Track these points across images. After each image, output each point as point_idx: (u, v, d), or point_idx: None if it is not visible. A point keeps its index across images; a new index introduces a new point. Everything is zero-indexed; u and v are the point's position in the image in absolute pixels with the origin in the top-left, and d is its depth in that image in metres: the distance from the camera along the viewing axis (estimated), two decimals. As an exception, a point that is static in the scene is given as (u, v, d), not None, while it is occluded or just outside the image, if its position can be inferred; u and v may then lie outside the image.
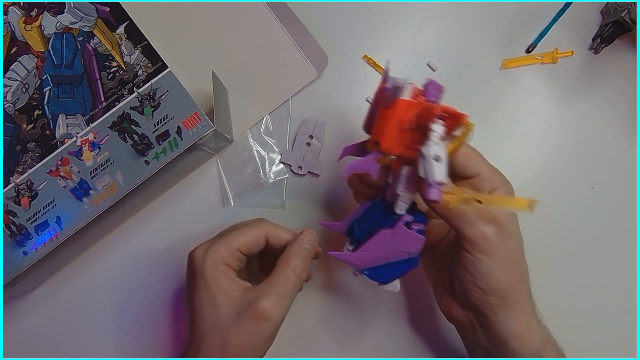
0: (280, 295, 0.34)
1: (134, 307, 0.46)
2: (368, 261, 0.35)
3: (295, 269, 0.35)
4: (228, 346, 0.34)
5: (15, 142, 0.40)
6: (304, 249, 0.37)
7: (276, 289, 0.35)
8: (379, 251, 0.35)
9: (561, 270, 0.46)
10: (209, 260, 0.35)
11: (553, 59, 0.48)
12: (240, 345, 0.34)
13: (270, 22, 0.47)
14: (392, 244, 0.34)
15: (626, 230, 0.46)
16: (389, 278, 0.36)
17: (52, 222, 0.40)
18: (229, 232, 0.37)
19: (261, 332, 0.34)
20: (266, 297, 0.34)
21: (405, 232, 0.34)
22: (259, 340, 0.34)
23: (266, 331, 0.34)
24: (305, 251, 0.37)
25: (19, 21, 0.42)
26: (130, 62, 0.41)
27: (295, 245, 0.37)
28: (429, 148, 0.30)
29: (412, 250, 0.34)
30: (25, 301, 0.46)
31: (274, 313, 0.34)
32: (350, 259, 0.36)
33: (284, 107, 0.47)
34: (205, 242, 0.37)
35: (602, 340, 0.45)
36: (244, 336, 0.34)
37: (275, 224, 0.39)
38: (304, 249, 0.37)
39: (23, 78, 0.41)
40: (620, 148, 0.47)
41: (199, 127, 0.40)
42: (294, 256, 0.36)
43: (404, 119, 0.31)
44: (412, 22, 0.49)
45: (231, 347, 0.34)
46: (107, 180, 0.40)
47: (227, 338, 0.34)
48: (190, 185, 0.47)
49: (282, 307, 0.34)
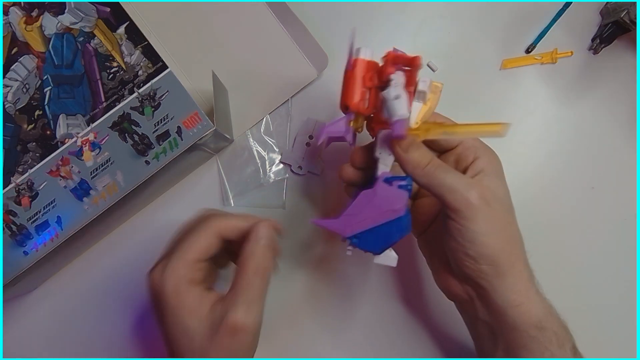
0: (248, 302, 0.32)
1: (134, 307, 0.46)
2: (354, 225, 0.34)
3: (256, 271, 0.33)
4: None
5: (15, 142, 0.41)
6: (260, 246, 0.34)
7: (242, 296, 0.32)
8: (362, 213, 0.34)
9: (561, 270, 0.46)
10: (168, 283, 0.32)
11: (552, 59, 0.48)
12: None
13: (270, 22, 0.47)
14: (375, 204, 0.33)
15: (626, 230, 0.46)
16: (379, 247, 0.34)
17: (53, 222, 0.40)
18: (180, 244, 0.34)
19: (239, 344, 0.32)
20: (235, 309, 0.32)
21: (387, 188, 0.33)
22: (241, 351, 0.32)
23: (244, 342, 0.32)
24: (262, 247, 0.33)
25: (19, 21, 0.42)
26: (131, 63, 0.41)
27: (250, 245, 0.34)
28: (388, 90, 0.32)
29: (397, 207, 0.33)
30: (25, 301, 0.46)
31: (247, 322, 0.32)
32: (334, 226, 0.34)
33: (284, 107, 0.48)
34: (159, 264, 0.34)
35: (602, 340, 0.45)
36: (224, 353, 0.32)
37: (223, 214, 0.36)
38: (260, 246, 0.34)
39: (24, 78, 0.41)
40: (620, 148, 0.47)
41: (199, 127, 0.40)
42: (252, 256, 0.33)
43: (365, 76, 0.33)
44: (412, 22, 0.49)
45: None
46: (107, 180, 0.40)
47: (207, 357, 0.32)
48: (190, 185, 0.47)
49: (254, 313, 0.32)
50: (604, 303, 0.45)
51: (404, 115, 0.32)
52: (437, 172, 0.33)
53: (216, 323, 0.32)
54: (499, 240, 0.32)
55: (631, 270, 0.46)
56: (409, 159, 0.33)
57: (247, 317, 0.32)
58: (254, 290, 0.33)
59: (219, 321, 0.32)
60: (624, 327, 0.45)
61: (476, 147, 0.35)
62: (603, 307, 0.45)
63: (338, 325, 0.45)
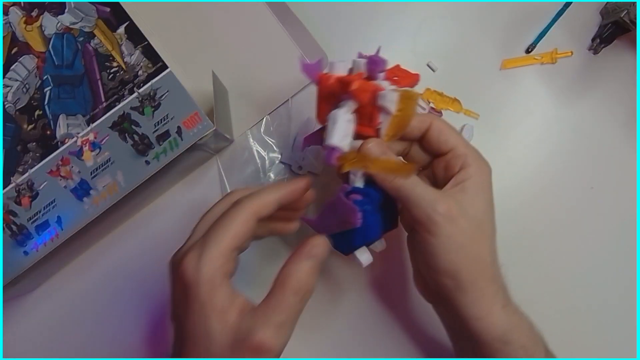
0: (279, 324, 0.29)
1: (135, 306, 0.46)
2: (325, 227, 0.34)
3: (297, 291, 0.30)
4: None
5: (15, 142, 0.41)
6: (308, 264, 0.30)
7: (275, 315, 0.29)
8: (327, 219, 0.34)
9: (561, 270, 0.46)
10: (204, 274, 0.29)
11: (552, 59, 0.48)
12: None
13: (270, 22, 0.47)
14: (335, 213, 0.34)
15: (626, 230, 0.46)
16: (347, 249, 0.35)
17: (53, 222, 0.40)
18: (214, 230, 0.31)
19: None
20: (264, 327, 0.29)
21: (342, 201, 0.33)
22: None
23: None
24: (310, 268, 0.30)
25: (19, 21, 0.42)
26: (131, 63, 0.41)
27: (297, 261, 0.31)
28: (333, 112, 0.33)
29: (350, 220, 0.32)
30: (25, 301, 0.46)
31: (274, 344, 0.29)
32: (312, 224, 0.36)
33: (284, 107, 0.48)
34: (192, 251, 0.31)
35: (602, 340, 0.45)
36: None
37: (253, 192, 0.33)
38: (308, 264, 0.30)
39: (24, 78, 0.41)
40: (620, 148, 0.47)
41: (199, 127, 0.40)
42: (296, 274, 0.30)
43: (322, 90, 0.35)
44: (412, 22, 0.49)
45: None
46: (107, 180, 0.40)
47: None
48: (190, 185, 0.47)
49: (282, 337, 0.29)
50: (604, 303, 0.45)
51: (334, 144, 0.32)
52: (405, 184, 0.33)
53: (241, 336, 0.29)
54: (459, 257, 0.32)
55: (631, 270, 0.46)
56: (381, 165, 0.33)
57: (276, 340, 0.29)
58: (289, 311, 0.30)
59: (245, 335, 0.29)
60: (624, 327, 0.45)
61: (465, 156, 0.35)
62: (603, 307, 0.45)
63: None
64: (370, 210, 0.34)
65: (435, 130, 0.35)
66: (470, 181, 0.34)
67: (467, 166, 0.34)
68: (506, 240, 0.46)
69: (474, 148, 0.36)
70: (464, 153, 0.35)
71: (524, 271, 0.45)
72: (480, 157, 0.35)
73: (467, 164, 0.34)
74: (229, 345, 0.29)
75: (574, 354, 0.44)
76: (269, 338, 0.29)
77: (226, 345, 0.29)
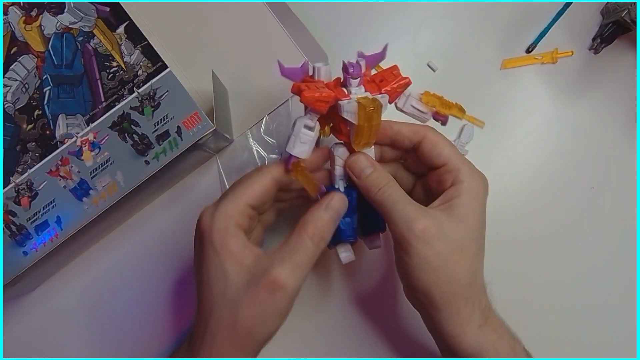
0: (295, 264, 0.31)
1: (135, 306, 0.46)
2: None
3: (313, 236, 0.32)
4: (238, 319, 0.31)
5: (15, 142, 0.40)
6: (327, 214, 0.33)
7: (291, 256, 0.31)
8: None
9: (561, 270, 0.46)
10: (217, 222, 0.32)
11: (553, 59, 0.48)
12: (251, 317, 0.31)
13: (270, 22, 0.47)
14: None
15: (626, 230, 0.46)
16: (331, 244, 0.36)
17: (52, 222, 0.40)
18: (235, 188, 0.34)
19: (274, 303, 0.31)
20: (280, 265, 0.31)
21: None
22: (271, 312, 0.31)
23: (279, 302, 0.31)
24: (328, 217, 0.33)
25: (19, 21, 0.42)
26: (130, 62, 0.41)
27: (317, 210, 0.33)
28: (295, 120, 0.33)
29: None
30: (25, 301, 0.46)
31: (288, 282, 0.30)
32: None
33: (284, 107, 0.47)
34: (212, 204, 0.33)
35: (602, 340, 0.45)
36: (255, 307, 0.31)
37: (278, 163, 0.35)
38: (327, 214, 0.33)
39: (23, 78, 0.41)
40: (620, 148, 0.47)
41: (199, 127, 0.40)
42: (314, 221, 0.32)
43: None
44: (412, 22, 0.49)
45: (241, 320, 0.31)
46: (107, 180, 0.40)
47: (236, 310, 0.31)
48: (190, 185, 0.47)
49: (297, 277, 0.31)
50: (604, 303, 0.45)
51: (289, 151, 0.33)
52: (388, 198, 0.33)
53: (256, 276, 0.31)
54: (432, 278, 0.32)
55: (631, 270, 0.46)
56: (363, 182, 0.34)
57: (290, 277, 0.31)
58: (304, 254, 0.32)
59: (260, 274, 0.31)
60: (624, 327, 0.45)
61: (457, 171, 0.34)
62: (603, 307, 0.45)
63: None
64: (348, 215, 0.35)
65: (428, 144, 0.35)
66: (459, 199, 0.33)
67: (459, 182, 0.34)
68: (506, 240, 0.46)
69: (468, 163, 0.35)
70: (457, 168, 0.34)
71: (524, 271, 0.45)
72: (474, 173, 0.35)
73: (458, 180, 0.34)
74: (244, 285, 0.31)
75: (574, 354, 0.44)
76: (285, 276, 0.30)
77: (241, 284, 0.31)
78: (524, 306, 0.45)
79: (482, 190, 0.34)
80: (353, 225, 0.36)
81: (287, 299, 0.31)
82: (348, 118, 0.32)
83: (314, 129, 0.33)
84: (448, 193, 0.34)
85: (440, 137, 0.35)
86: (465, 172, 0.34)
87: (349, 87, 0.34)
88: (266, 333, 0.32)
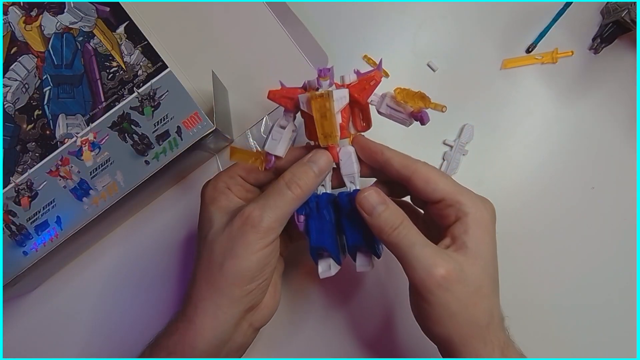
0: (268, 204, 0.32)
1: (135, 306, 0.46)
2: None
3: (289, 182, 0.33)
4: (212, 255, 0.33)
5: (15, 142, 0.40)
6: (307, 165, 0.34)
7: (266, 197, 0.33)
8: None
9: (561, 270, 0.46)
10: (210, 185, 0.36)
11: (553, 59, 0.48)
12: (222, 251, 0.32)
13: (270, 22, 0.47)
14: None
15: (626, 230, 0.46)
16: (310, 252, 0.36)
17: (52, 222, 0.40)
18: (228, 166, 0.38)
19: (244, 237, 0.32)
20: (254, 204, 0.32)
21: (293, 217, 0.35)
22: (241, 245, 0.32)
23: (249, 237, 0.31)
24: (307, 167, 0.33)
25: (19, 21, 0.42)
26: (130, 62, 0.41)
27: (298, 163, 0.34)
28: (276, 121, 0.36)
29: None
30: (25, 301, 0.46)
31: (258, 219, 0.32)
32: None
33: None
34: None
35: (602, 340, 0.45)
36: (227, 242, 0.32)
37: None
38: (307, 165, 0.34)
39: (23, 78, 0.41)
40: (620, 148, 0.47)
41: (199, 127, 0.40)
42: (292, 169, 0.34)
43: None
44: (412, 22, 0.49)
45: (215, 256, 0.32)
46: (107, 180, 0.40)
47: (213, 247, 0.33)
48: (191, 185, 0.47)
49: (270, 216, 0.32)
50: (604, 303, 0.45)
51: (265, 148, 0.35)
52: (404, 240, 0.31)
53: (235, 214, 0.33)
54: (452, 323, 0.31)
55: (631, 270, 0.46)
56: (375, 221, 0.32)
57: (263, 217, 0.32)
58: (278, 198, 0.33)
59: (238, 212, 0.33)
60: (624, 327, 0.45)
61: (459, 204, 0.32)
62: (603, 307, 0.45)
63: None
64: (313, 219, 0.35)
65: (420, 180, 0.33)
66: (468, 236, 0.32)
67: (463, 216, 0.32)
68: (506, 240, 0.46)
69: (468, 192, 0.33)
70: (457, 201, 0.32)
71: (524, 271, 0.45)
72: (478, 202, 0.33)
73: (462, 214, 0.32)
74: (225, 223, 0.33)
75: (574, 354, 0.44)
76: (255, 213, 0.32)
77: (222, 224, 0.33)
78: (524, 306, 0.45)
79: (490, 219, 0.33)
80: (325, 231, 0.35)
81: (258, 235, 0.32)
82: (304, 109, 0.34)
83: (287, 127, 0.35)
84: (455, 229, 0.32)
85: (432, 171, 0.34)
86: (468, 203, 0.32)
87: (319, 89, 0.34)
88: (236, 270, 0.32)
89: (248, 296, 0.33)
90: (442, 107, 0.33)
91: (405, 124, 0.36)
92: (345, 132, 0.35)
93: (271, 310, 0.36)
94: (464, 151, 0.47)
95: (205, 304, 0.32)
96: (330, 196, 0.36)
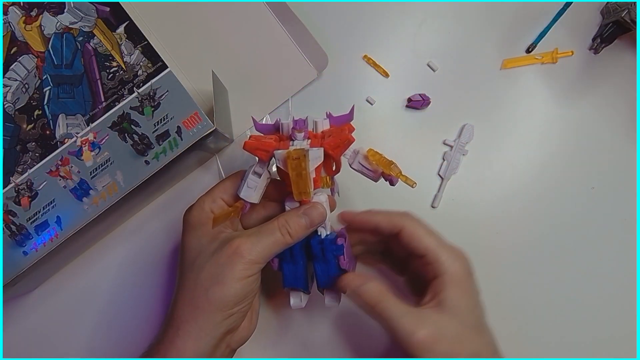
0: (258, 241, 0.34)
1: (134, 307, 0.46)
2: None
3: (281, 227, 0.35)
4: (198, 279, 0.34)
5: (15, 142, 0.40)
6: (300, 217, 0.36)
7: (257, 235, 0.35)
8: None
9: (561, 270, 0.46)
10: (194, 210, 0.37)
11: (553, 59, 0.48)
12: (209, 277, 0.34)
13: (270, 22, 0.47)
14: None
15: (626, 230, 0.46)
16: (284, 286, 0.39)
17: (52, 222, 0.40)
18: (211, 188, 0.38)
19: (231, 266, 0.33)
20: (245, 238, 0.34)
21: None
22: (228, 274, 0.33)
23: (236, 267, 0.33)
24: (300, 219, 0.36)
25: (19, 21, 0.42)
26: (130, 62, 0.41)
27: (294, 210, 0.36)
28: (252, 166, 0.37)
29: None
30: (25, 301, 0.46)
31: (249, 252, 0.33)
32: None
33: (284, 107, 0.47)
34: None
35: (602, 340, 0.45)
36: (214, 269, 0.34)
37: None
38: (300, 217, 0.36)
39: (23, 78, 0.41)
40: (620, 148, 0.47)
41: (199, 127, 0.40)
42: (286, 216, 0.36)
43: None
44: (412, 22, 0.49)
45: (201, 280, 0.34)
46: (107, 180, 0.40)
47: (200, 272, 0.34)
48: (191, 185, 0.47)
49: (258, 251, 0.34)
50: (604, 303, 0.45)
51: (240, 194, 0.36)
52: (384, 313, 0.34)
53: (224, 243, 0.34)
54: None
55: (631, 270, 0.46)
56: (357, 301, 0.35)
57: (251, 250, 0.34)
58: (270, 237, 0.35)
59: (227, 241, 0.34)
60: (624, 327, 0.45)
61: (437, 262, 0.35)
62: (603, 307, 0.45)
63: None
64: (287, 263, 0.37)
65: (406, 236, 0.36)
66: (445, 293, 0.34)
67: (440, 275, 0.35)
68: (506, 241, 0.46)
69: (446, 248, 0.36)
70: (436, 260, 0.35)
71: (524, 270, 0.45)
72: (454, 259, 0.35)
73: (440, 272, 0.35)
74: (213, 250, 0.35)
75: (574, 354, 0.44)
76: (245, 247, 0.34)
77: (210, 251, 0.35)
78: (525, 306, 0.45)
79: (465, 274, 0.35)
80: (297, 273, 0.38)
81: (245, 265, 0.33)
82: (280, 167, 0.35)
83: (262, 176, 0.36)
84: (434, 286, 0.35)
85: (417, 227, 0.36)
86: (444, 261, 0.35)
87: (294, 141, 0.36)
88: (221, 295, 0.33)
89: (229, 319, 0.34)
90: (412, 182, 0.35)
91: (374, 180, 0.37)
92: (318, 184, 0.36)
93: (249, 332, 0.38)
94: (464, 151, 0.47)
95: (188, 326, 0.34)
96: (303, 241, 0.37)
